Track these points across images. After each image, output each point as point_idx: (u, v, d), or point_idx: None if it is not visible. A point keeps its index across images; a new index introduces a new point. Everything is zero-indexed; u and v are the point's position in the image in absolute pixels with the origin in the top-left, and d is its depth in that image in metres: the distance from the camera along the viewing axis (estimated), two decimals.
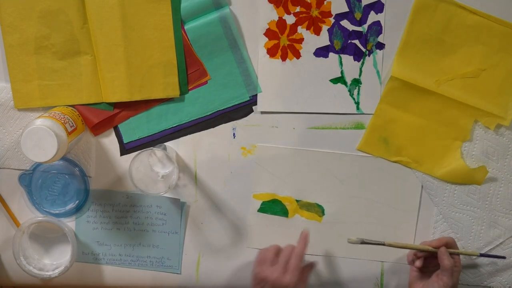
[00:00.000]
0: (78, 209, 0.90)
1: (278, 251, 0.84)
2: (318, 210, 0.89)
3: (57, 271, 0.87)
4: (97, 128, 0.87)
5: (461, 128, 0.86)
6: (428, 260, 0.85)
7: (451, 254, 0.81)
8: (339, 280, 0.91)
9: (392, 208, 0.89)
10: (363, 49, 0.85)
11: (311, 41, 0.85)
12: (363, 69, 0.86)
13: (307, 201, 0.89)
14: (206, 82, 0.86)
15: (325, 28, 0.85)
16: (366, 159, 0.88)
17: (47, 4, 0.81)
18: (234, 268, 0.92)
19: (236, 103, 0.87)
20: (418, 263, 0.85)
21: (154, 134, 0.87)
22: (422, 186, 0.89)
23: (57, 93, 0.84)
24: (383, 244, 0.82)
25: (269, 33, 0.85)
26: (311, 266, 0.87)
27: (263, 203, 0.90)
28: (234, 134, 0.88)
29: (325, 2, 0.84)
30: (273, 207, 0.90)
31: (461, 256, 0.86)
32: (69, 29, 0.82)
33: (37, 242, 0.91)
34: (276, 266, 0.80)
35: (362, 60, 0.86)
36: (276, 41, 0.85)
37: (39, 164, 0.88)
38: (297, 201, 0.90)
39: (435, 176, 0.88)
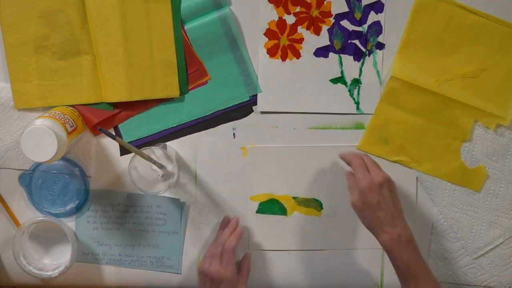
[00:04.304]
0: (78, 209, 0.90)
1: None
2: (316, 205, 0.89)
3: (57, 271, 0.87)
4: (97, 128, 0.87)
5: (461, 128, 0.86)
6: None
7: None
8: (339, 280, 0.91)
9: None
10: (363, 49, 0.85)
11: (311, 41, 0.85)
12: (363, 69, 0.86)
13: (304, 197, 0.89)
14: (206, 82, 0.86)
15: (325, 28, 0.85)
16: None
17: (47, 4, 0.81)
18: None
19: (236, 103, 0.87)
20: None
21: (154, 134, 0.87)
22: (420, 182, 0.89)
23: (57, 93, 0.84)
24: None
25: (269, 33, 0.85)
26: (247, 257, 0.89)
27: (261, 204, 0.90)
28: (234, 134, 0.88)
29: (325, 2, 0.84)
30: (271, 207, 0.90)
31: (461, 256, 0.87)
32: (69, 29, 0.82)
33: (37, 242, 0.91)
34: (214, 260, 0.82)
35: (362, 60, 0.86)
36: (276, 41, 0.85)
37: (39, 164, 0.88)
38: (294, 198, 0.90)
39: (435, 176, 0.88)
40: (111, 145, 0.88)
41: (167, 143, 0.88)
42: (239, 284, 0.84)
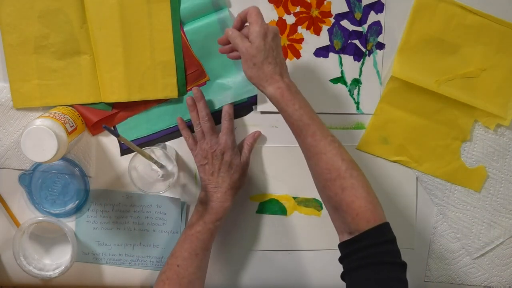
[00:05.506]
0: (78, 209, 0.90)
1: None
2: (316, 205, 0.89)
3: (57, 271, 0.87)
4: (96, 128, 0.87)
5: (461, 128, 0.86)
6: None
7: None
8: (340, 280, 0.91)
9: (391, 195, 0.89)
10: (363, 49, 0.85)
11: (311, 41, 0.85)
12: (363, 69, 0.86)
13: (304, 197, 0.89)
14: (204, 83, 0.86)
15: (325, 28, 0.84)
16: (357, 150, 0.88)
17: (47, 3, 0.81)
18: (234, 268, 0.92)
19: (236, 103, 0.86)
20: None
21: (153, 134, 0.87)
22: (420, 182, 0.89)
23: (56, 92, 0.84)
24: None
25: None
26: (254, 135, 0.87)
27: (261, 204, 0.90)
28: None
29: (325, 2, 0.84)
30: (271, 207, 0.90)
31: (461, 256, 0.86)
32: (69, 29, 0.82)
33: (37, 242, 0.91)
34: (206, 138, 0.82)
35: (362, 60, 0.86)
36: None
37: (39, 164, 0.88)
38: (294, 198, 0.90)
39: (435, 176, 0.88)
40: (111, 145, 0.88)
41: (167, 143, 0.88)
42: (243, 155, 0.83)
